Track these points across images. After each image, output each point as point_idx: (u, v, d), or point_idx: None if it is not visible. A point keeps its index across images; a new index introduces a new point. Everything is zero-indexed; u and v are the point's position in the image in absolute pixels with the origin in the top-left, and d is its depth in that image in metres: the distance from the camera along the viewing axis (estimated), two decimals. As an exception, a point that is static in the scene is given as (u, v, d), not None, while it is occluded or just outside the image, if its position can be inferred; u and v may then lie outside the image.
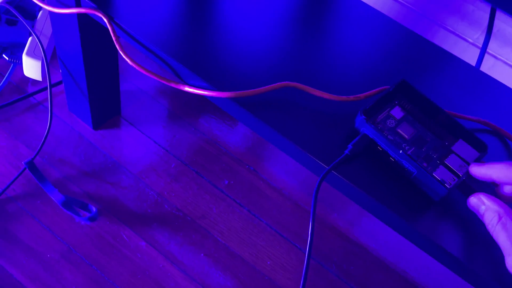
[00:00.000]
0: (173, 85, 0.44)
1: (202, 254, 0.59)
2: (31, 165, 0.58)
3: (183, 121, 0.70)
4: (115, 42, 0.45)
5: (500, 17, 0.65)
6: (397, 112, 0.42)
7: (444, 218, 0.39)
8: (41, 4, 0.48)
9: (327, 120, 0.43)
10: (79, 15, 0.50)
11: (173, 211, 0.62)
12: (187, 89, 0.43)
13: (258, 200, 0.65)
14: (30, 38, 0.65)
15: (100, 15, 0.45)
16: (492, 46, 0.69)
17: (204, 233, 0.60)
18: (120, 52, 0.44)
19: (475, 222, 0.39)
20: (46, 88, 0.68)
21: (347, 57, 0.49)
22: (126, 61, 0.44)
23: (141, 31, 0.45)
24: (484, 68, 0.71)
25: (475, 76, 0.52)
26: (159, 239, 0.59)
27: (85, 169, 0.63)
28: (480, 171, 0.36)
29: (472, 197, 0.36)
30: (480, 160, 0.40)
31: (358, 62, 0.49)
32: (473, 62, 0.61)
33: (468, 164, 0.39)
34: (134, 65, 0.44)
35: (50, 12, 0.51)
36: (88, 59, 0.55)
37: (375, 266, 0.63)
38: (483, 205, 0.35)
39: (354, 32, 0.52)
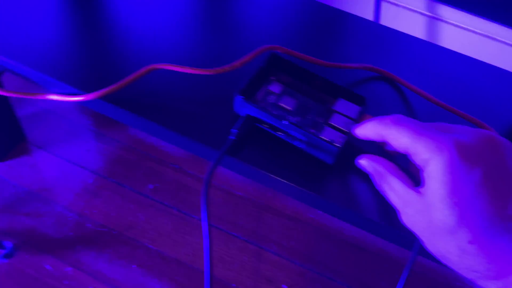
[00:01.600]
0: (38, 97, 0.41)
1: (134, 266, 0.56)
2: None
3: (96, 133, 0.67)
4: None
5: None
6: (275, 87, 0.41)
7: (342, 178, 0.38)
8: None
9: (210, 100, 0.41)
10: None
11: (97, 228, 0.59)
12: (52, 97, 0.40)
13: (187, 197, 0.63)
14: None
15: None
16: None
17: (134, 244, 0.58)
18: None
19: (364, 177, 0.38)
20: None
21: (236, 34, 0.47)
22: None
23: (10, 53, 0.42)
24: (387, 18, 0.71)
25: (370, 29, 0.51)
26: (86, 261, 0.56)
27: (-5, 206, 0.59)
28: (360, 132, 0.35)
29: (358, 159, 0.36)
30: (364, 113, 0.39)
31: (249, 39, 0.47)
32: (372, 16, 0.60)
33: (353, 119, 0.38)
34: None
35: None
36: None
37: (316, 236, 0.62)
38: (369, 165, 0.34)
39: (244, 8, 0.50)
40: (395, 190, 0.30)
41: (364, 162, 0.35)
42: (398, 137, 0.28)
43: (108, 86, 0.40)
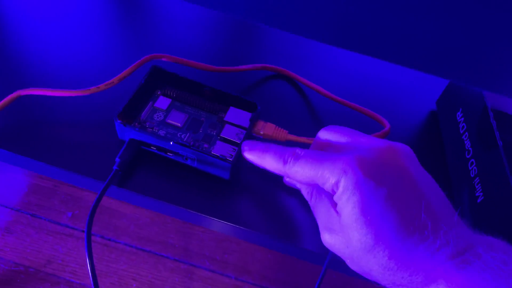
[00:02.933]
0: None
1: (54, 305, 0.52)
2: None
3: (2, 163, 0.62)
4: None
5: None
6: (162, 103, 0.38)
7: (241, 194, 0.36)
8: None
9: (90, 125, 0.38)
10: None
11: (12, 268, 0.54)
12: None
13: (111, 221, 0.59)
14: None
15: None
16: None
17: (54, 280, 0.54)
18: None
19: (273, 185, 0.36)
20: None
21: (118, 46, 0.44)
22: None
23: None
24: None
25: (264, 30, 0.49)
26: (-1, 307, 0.51)
27: None
28: (254, 160, 0.32)
29: (285, 179, 0.34)
30: (256, 120, 0.37)
31: (134, 50, 0.44)
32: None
33: (245, 128, 0.36)
34: None
35: None
36: None
37: (251, 246, 0.60)
38: (296, 183, 0.32)
39: (129, 18, 0.47)
40: (320, 210, 0.29)
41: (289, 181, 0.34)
42: (301, 172, 0.27)
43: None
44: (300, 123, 0.41)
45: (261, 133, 0.37)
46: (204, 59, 0.44)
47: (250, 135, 0.38)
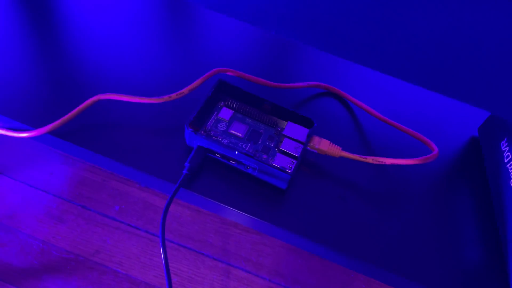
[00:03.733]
0: None
1: (102, 292, 0.56)
2: None
3: (58, 154, 0.66)
4: None
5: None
6: (225, 113, 0.41)
7: (298, 203, 0.39)
8: None
9: (160, 130, 0.41)
10: None
11: (62, 255, 0.58)
12: None
13: (155, 217, 0.63)
14: None
15: None
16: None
17: (101, 269, 0.57)
18: None
19: (327, 198, 0.39)
20: None
21: (186, 60, 0.47)
22: None
23: None
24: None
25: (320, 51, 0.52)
26: (52, 290, 0.55)
27: (-46, 237, 0.57)
28: None
29: None
30: (312, 135, 0.40)
31: (199, 64, 0.47)
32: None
33: (302, 143, 0.39)
34: None
35: None
36: None
37: (284, 250, 0.63)
38: None
39: (195, 35, 0.50)
40: None
41: None
42: None
43: (55, 120, 0.39)
44: (351, 141, 0.44)
45: (317, 148, 0.40)
46: (263, 75, 0.47)
47: (306, 150, 0.41)
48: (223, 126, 0.41)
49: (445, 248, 0.37)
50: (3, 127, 0.40)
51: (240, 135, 0.41)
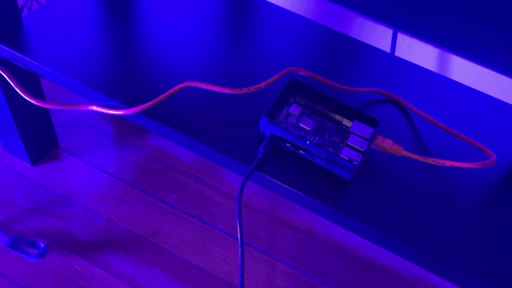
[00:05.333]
0: (81, 107, 0.45)
1: (158, 271, 0.60)
2: (-29, 213, 0.57)
3: (124, 143, 0.71)
4: (18, 90, 0.46)
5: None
6: (295, 109, 0.45)
7: (360, 193, 0.42)
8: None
9: (235, 117, 0.45)
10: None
11: (123, 233, 0.62)
12: (95, 108, 0.45)
13: (208, 207, 0.67)
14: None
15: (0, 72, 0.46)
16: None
17: (158, 250, 0.62)
18: (21, 93, 0.45)
19: (389, 192, 0.42)
20: (-23, 133, 0.67)
21: (260, 59, 0.52)
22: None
23: (47, 62, 0.46)
24: (401, 48, 0.75)
25: (385, 59, 0.55)
26: (113, 263, 0.59)
27: (29, 207, 0.62)
28: None
29: None
30: (376, 134, 0.43)
31: (271, 63, 0.52)
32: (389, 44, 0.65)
33: (367, 140, 0.42)
34: (33, 101, 0.45)
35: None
36: (11, 99, 0.55)
37: (327, 250, 0.65)
38: None
39: (269, 35, 0.55)
40: None
41: None
42: None
43: (146, 101, 0.44)
44: (409, 145, 0.47)
45: (380, 146, 0.43)
46: (329, 76, 0.51)
47: (369, 148, 0.44)
48: (293, 120, 0.45)
49: (494, 252, 0.40)
50: (101, 105, 0.45)
51: (309, 128, 0.44)
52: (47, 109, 0.63)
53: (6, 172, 0.65)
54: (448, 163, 0.41)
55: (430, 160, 0.42)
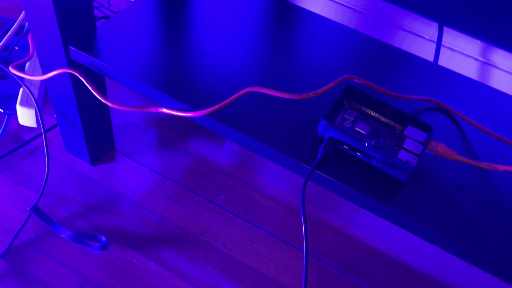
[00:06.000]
0: (151, 109, 0.49)
1: (209, 267, 0.63)
2: (36, 210, 0.62)
3: (174, 146, 0.75)
4: (94, 93, 0.50)
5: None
6: (350, 114, 0.48)
7: (416, 194, 0.44)
8: (21, 75, 0.54)
9: (296, 121, 0.49)
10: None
11: (176, 230, 0.66)
12: (165, 110, 0.48)
13: (254, 209, 0.70)
14: (21, 89, 0.69)
15: (77, 74, 0.51)
16: (447, 39, 0.76)
17: (208, 247, 0.65)
18: (99, 97, 0.50)
19: (443, 194, 0.44)
20: (41, 134, 0.72)
21: (310, 66, 0.55)
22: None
23: (121, 67, 0.50)
24: (442, 60, 0.77)
25: (429, 68, 0.58)
26: (167, 259, 0.63)
27: (88, 204, 0.67)
28: None
29: None
30: (430, 138, 0.45)
31: (321, 70, 0.55)
32: (431, 57, 0.67)
33: (422, 144, 0.45)
34: (110, 104, 0.49)
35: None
36: (81, 104, 0.60)
37: (370, 255, 0.67)
38: None
39: (317, 44, 0.58)
40: None
41: None
42: None
43: (213, 105, 0.48)
44: (459, 150, 0.49)
45: (434, 150, 0.46)
46: (380, 84, 0.54)
47: (424, 152, 0.46)
48: (349, 124, 0.48)
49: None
50: (170, 107, 0.49)
51: (364, 132, 0.47)
52: (109, 113, 0.68)
53: (68, 170, 0.70)
54: (501, 167, 0.43)
55: (483, 164, 0.44)
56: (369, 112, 0.49)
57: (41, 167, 0.69)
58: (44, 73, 0.56)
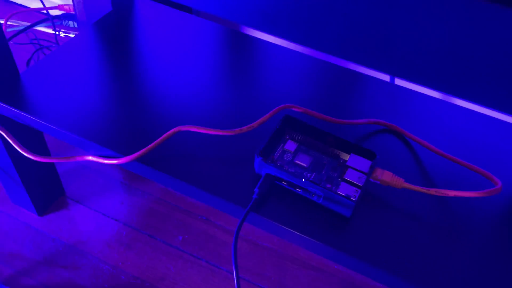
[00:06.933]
0: (77, 159, 0.45)
1: (165, 318, 0.58)
2: (-21, 268, 0.57)
3: (129, 187, 0.71)
4: (16, 147, 0.47)
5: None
6: (290, 145, 0.44)
7: (363, 229, 0.40)
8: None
9: (230, 158, 0.45)
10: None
11: (130, 280, 0.61)
12: (91, 158, 0.45)
13: (215, 248, 0.65)
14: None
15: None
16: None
17: (165, 295, 0.60)
18: (21, 151, 0.46)
19: (392, 225, 0.40)
20: (-15, 186, 0.68)
21: (254, 96, 0.52)
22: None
23: (42, 116, 0.47)
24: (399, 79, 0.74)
25: (384, 88, 0.55)
26: (120, 313, 0.58)
27: (36, 258, 0.62)
28: None
29: None
30: (375, 167, 0.42)
31: (265, 99, 0.51)
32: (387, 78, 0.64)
33: (365, 173, 0.41)
34: (32, 157, 0.45)
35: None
36: (16, 156, 0.56)
37: (342, 287, 0.63)
38: None
39: (262, 71, 0.55)
40: None
41: None
42: None
43: (140, 149, 0.44)
44: (411, 175, 0.45)
45: (379, 178, 0.42)
46: (323, 110, 0.50)
47: (369, 181, 0.42)
48: (289, 157, 0.44)
49: (507, 284, 0.37)
50: (95, 155, 0.45)
51: (305, 165, 0.43)
52: (51, 159, 0.64)
53: (14, 223, 0.66)
54: (451, 193, 0.40)
55: (432, 191, 0.40)
56: (311, 142, 0.45)
57: (-15, 223, 0.65)
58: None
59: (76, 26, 0.81)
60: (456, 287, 0.37)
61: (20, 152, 0.57)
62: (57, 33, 0.84)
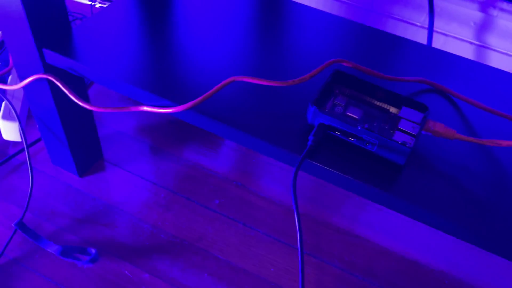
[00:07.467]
0: (132, 109, 0.47)
1: (206, 274, 0.60)
2: (21, 225, 0.59)
3: (165, 153, 0.72)
4: (71, 95, 0.48)
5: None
6: (340, 100, 0.45)
7: (416, 178, 0.41)
8: (1, 87, 0.52)
9: (283, 110, 0.46)
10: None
11: (170, 239, 0.63)
12: (145, 108, 0.46)
13: (251, 212, 0.67)
14: (3, 103, 0.67)
15: (51, 78, 0.48)
16: (439, 25, 0.74)
17: (204, 254, 0.61)
18: (76, 100, 0.47)
19: (444, 175, 0.41)
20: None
21: (298, 54, 0.52)
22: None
23: (98, 67, 0.48)
24: (436, 46, 0.75)
25: (422, 50, 0.55)
26: (161, 268, 0.60)
27: (77, 216, 0.64)
28: None
29: None
30: (427, 118, 0.43)
31: (309, 57, 0.52)
32: (425, 43, 0.65)
33: (418, 124, 0.42)
34: (88, 106, 0.47)
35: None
36: (63, 112, 0.58)
37: (376, 252, 0.64)
38: None
39: (304, 33, 0.56)
40: None
41: None
42: None
43: (195, 98, 0.45)
44: (461, 130, 0.46)
45: (432, 130, 0.43)
46: (371, 67, 0.51)
47: (421, 132, 0.43)
48: (340, 110, 0.45)
49: None
50: (151, 105, 0.47)
51: (356, 117, 0.44)
52: (93, 122, 0.65)
53: (55, 183, 0.67)
54: (504, 143, 0.40)
55: (485, 141, 0.41)
56: (361, 96, 0.46)
57: (27, 182, 0.67)
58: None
59: (111, -4, 0.82)
60: (502, 233, 0.38)
61: (68, 111, 0.58)
62: (92, 3, 0.86)
